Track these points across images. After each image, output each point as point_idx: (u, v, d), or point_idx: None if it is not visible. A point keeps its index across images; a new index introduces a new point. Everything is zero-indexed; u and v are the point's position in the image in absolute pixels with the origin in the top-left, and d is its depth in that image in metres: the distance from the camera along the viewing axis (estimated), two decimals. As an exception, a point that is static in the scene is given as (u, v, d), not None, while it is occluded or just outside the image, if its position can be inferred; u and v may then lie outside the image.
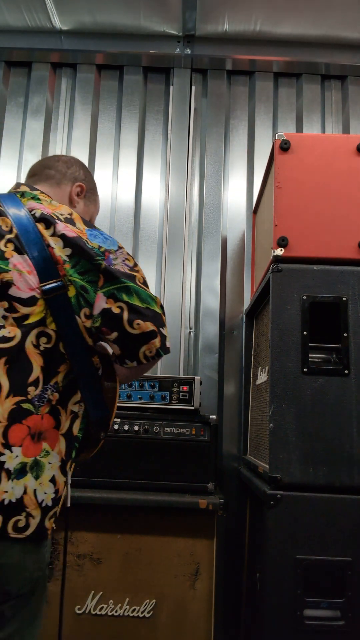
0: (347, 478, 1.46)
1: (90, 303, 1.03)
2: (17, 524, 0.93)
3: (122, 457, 1.78)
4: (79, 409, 1.07)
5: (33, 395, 0.98)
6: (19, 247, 1.03)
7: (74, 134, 2.60)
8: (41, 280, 1.02)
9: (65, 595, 1.65)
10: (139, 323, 1.02)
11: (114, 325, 1.02)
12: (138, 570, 1.68)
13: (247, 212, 2.54)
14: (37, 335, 1.01)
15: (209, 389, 2.33)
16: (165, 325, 1.08)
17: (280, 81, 2.68)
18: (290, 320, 1.56)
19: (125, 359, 1.06)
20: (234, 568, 2.09)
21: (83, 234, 1.08)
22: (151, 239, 2.51)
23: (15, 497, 0.93)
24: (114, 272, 1.04)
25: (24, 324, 1.00)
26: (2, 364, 0.97)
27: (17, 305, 1.00)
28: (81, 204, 1.33)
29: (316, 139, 1.73)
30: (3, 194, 1.15)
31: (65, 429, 1.03)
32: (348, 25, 2.46)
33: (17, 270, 1.01)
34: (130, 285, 1.05)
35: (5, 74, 2.66)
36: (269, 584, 1.42)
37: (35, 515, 0.96)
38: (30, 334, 1.00)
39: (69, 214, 1.11)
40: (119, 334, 1.03)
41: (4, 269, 1.01)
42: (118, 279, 1.04)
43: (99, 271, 1.03)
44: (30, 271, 1.02)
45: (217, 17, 2.45)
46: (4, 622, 0.93)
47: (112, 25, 2.55)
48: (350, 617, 1.39)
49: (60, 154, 1.41)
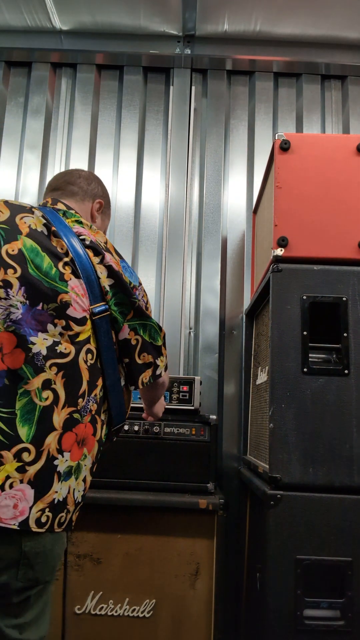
0: (347, 478, 1.46)
1: (117, 332, 1.19)
2: (60, 520, 1.05)
3: (122, 457, 1.78)
4: (105, 417, 1.19)
5: (81, 407, 1.09)
6: (75, 271, 1.13)
7: (74, 134, 2.60)
8: (91, 303, 1.14)
9: (65, 595, 1.66)
10: (144, 355, 1.22)
11: (128, 353, 1.21)
12: (138, 570, 1.68)
13: (247, 212, 2.54)
14: (86, 351, 1.12)
15: (209, 389, 2.33)
16: (162, 354, 1.26)
17: (280, 81, 2.68)
18: (290, 320, 1.56)
19: (129, 383, 1.25)
20: (234, 568, 2.08)
21: (119, 265, 1.21)
22: (151, 239, 2.51)
23: (62, 497, 1.05)
24: (142, 309, 1.21)
25: (76, 341, 1.10)
26: (59, 377, 1.07)
27: (72, 324, 1.10)
28: (99, 219, 1.44)
29: (316, 139, 1.73)
30: (46, 209, 1.22)
31: (98, 435, 1.16)
32: (348, 25, 2.46)
33: (75, 292, 1.11)
34: (149, 323, 1.22)
35: (5, 74, 2.66)
36: (269, 584, 1.42)
37: (71, 511, 1.08)
38: (82, 350, 1.11)
39: (105, 242, 1.22)
40: (129, 360, 1.21)
41: (64, 290, 1.10)
42: (143, 316, 1.21)
43: (132, 307, 1.19)
44: (84, 294, 1.13)
45: (217, 17, 2.45)
46: (28, 608, 1.03)
47: (112, 25, 2.55)
48: (350, 617, 1.39)
49: (79, 169, 1.48)
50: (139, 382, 1.23)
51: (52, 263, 1.11)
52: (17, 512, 0.97)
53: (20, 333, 1.04)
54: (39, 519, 1.00)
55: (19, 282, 1.07)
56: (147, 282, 2.46)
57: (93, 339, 1.13)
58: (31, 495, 0.99)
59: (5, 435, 0.98)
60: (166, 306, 2.42)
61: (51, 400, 1.04)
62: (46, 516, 1.01)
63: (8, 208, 1.16)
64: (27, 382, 1.02)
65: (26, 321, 1.05)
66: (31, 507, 0.99)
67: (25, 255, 1.09)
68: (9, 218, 1.14)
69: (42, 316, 1.07)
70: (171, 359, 2.35)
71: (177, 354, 2.36)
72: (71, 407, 1.07)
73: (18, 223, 1.13)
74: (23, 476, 0.98)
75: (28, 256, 1.09)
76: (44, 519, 1.01)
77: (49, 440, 1.02)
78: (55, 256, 1.12)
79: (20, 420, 1.00)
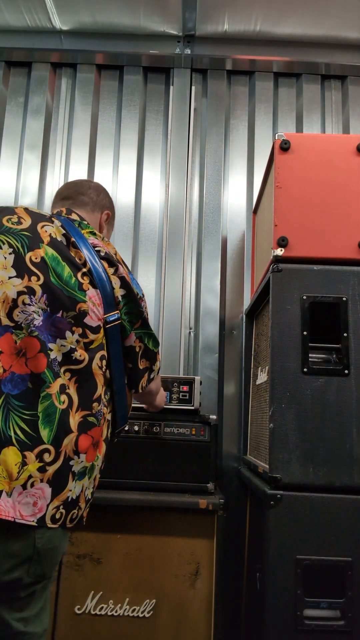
0: (347, 478, 1.46)
1: (124, 339, 1.24)
2: (72, 516, 1.10)
3: (122, 457, 1.78)
4: (109, 417, 1.23)
5: (96, 410, 1.14)
6: (93, 281, 1.17)
7: (74, 134, 2.60)
8: (105, 312, 1.18)
9: (64, 595, 1.66)
10: (143, 361, 1.29)
11: (132, 359, 1.27)
12: (138, 570, 1.68)
13: (247, 212, 2.54)
14: (100, 357, 1.16)
15: (209, 389, 2.33)
16: (157, 360, 1.34)
17: (280, 81, 2.68)
18: (290, 320, 1.56)
19: (131, 388, 1.31)
20: (234, 568, 2.08)
21: (128, 277, 1.26)
22: (151, 239, 2.51)
23: (76, 495, 1.10)
24: (147, 320, 1.28)
25: (90, 348, 1.15)
26: (72, 382, 1.11)
27: (88, 332, 1.14)
28: (106, 229, 1.50)
29: (316, 139, 1.73)
30: (63, 219, 1.26)
31: (105, 436, 1.20)
32: (348, 25, 2.46)
33: (92, 302, 1.16)
34: (151, 332, 1.29)
35: (5, 74, 2.66)
36: (269, 584, 1.42)
37: (83, 508, 1.13)
38: (96, 356, 1.15)
39: (115, 254, 1.27)
40: (132, 366, 1.27)
41: (83, 299, 1.14)
42: (147, 326, 1.28)
43: (140, 317, 1.26)
44: (100, 304, 1.17)
45: (217, 17, 2.45)
46: (33, 601, 1.07)
47: (112, 25, 2.55)
48: (350, 617, 1.39)
49: (88, 180, 1.54)
50: (139, 387, 1.31)
51: (72, 272, 1.15)
52: (36, 509, 1.02)
53: (42, 339, 1.08)
54: (53, 516, 1.04)
55: (42, 290, 1.10)
56: (147, 282, 2.46)
57: (106, 347, 1.19)
58: (49, 494, 1.04)
59: (28, 436, 1.02)
60: (166, 306, 2.42)
61: (67, 404, 1.08)
62: (60, 513, 1.06)
63: (29, 215, 1.19)
64: (49, 386, 1.06)
65: (45, 327, 1.09)
66: (48, 504, 1.03)
67: (48, 264, 1.13)
68: (31, 226, 1.17)
69: (61, 323, 1.11)
70: (171, 359, 2.35)
71: (177, 354, 2.36)
72: (85, 410, 1.11)
73: (40, 231, 1.17)
74: (43, 475, 1.03)
75: (50, 264, 1.13)
76: (58, 515, 1.05)
77: (66, 442, 1.06)
78: (74, 266, 1.16)
79: (42, 422, 1.04)
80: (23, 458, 1.01)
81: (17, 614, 1.04)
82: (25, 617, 1.05)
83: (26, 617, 1.05)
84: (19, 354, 1.06)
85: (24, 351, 1.06)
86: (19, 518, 0.99)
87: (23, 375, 1.05)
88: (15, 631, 1.03)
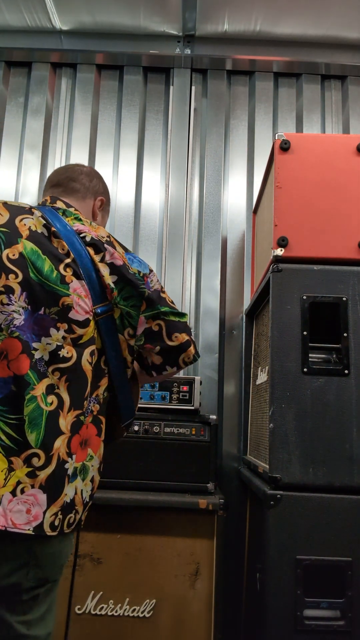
0: (347, 478, 1.46)
1: (134, 325, 1.16)
2: (69, 520, 1.05)
3: (122, 457, 1.78)
4: (105, 416, 1.18)
5: (85, 408, 1.10)
6: (77, 272, 1.11)
7: (74, 134, 2.60)
8: (94, 303, 1.11)
9: (65, 595, 1.66)
10: (176, 336, 1.18)
11: (156, 340, 1.18)
12: (138, 570, 1.68)
13: (247, 212, 2.54)
14: (90, 353, 1.10)
15: (209, 389, 2.33)
16: (191, 332, 1.24)
17: (280, 81, 2.68)
18: (290, 320, 1.56)
19: (166, 366, 1.21)
20: (234, 568, 2.08)
21: (124, 258, 1.18)
22: (151, 239, 2.51)
23: (70, 498, 1.05)
24: (154, 298, 1.18)
25: (78, 344, 1.09)
26: (62, 382, 1.06)
27: (75, 327, 1.08)
28: (100, 216, 1.42)
29: (316, 139, 1.73)
30: (44, 209, 1.20)
31: (103, 436, 1.16)
32: (348, 25, 2.46)
33: (77, 294, 1.09)
34: (166, 308, 1.19)
35: (5, 74, 2.66)
36: (269, 584, 1.42)
37: (79, 511, 1.09)
38: (85, 352, 1.09)
39: (108, 237, 1.19)
40: (160, 347, 1.18)
41: (65, 292, 1.08)
42: (160, 303, 1.18)
43: (143, 298, 1.16)
44: (87, 295, 1.10)
45: (217, 17, 2.45)
46: (36, 605, 1.04)
47: (112, 25, 2.54)
48: (350, 617, 1.39)
49: (80, 165, 1.43)
50: (181, 363, 1.20)
51: (53, 266, 1.09)
52: (30, 517, 0.98)
53: (24, 339, 1.04)
54: (52, 523, 1.01)
55: (21, 288, 1.06)
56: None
57: (98, 340, 1.12)
58: (44, 500, 1.00)
59: (14, 441, 0.99)
60: (166, 306, 2.42)
61: (56, 404, 1.04)
62: (58, 519, 1.02)
63: (7, 210, 1.14)
64: (34, 388, 1.02)
65: (28, 327, 1.05)
66: (45, 511, 1.00)
67: (27, 259, 1.08)
68: (9, 220, 1.12)
69: (44, 321, 1.06)
70: (171, 359, 2.35)
71: (177, 354, 2.36)
72: (77, 409, 1.07)
73: (18, 225, 1.12)
74: (34, 481, 0.99)
75: (29, 259, 1.08)
76: (57, 522, 1.02)
77: (57, 444, 1.03)
78: (56, 258, 1.10)
79: (29, 426, 1.00)
80: (9, 464, 0.98)
81: (19, 617, 1.02)
82: (27, 620, 1.03)
83: (29, 620, 1.03)
84: (0, 356, 1.02)
85: (5, 353, 1.02)
86: (11, 527, 0.96)
87: (6, 379, 1.01)
88: (17, 634, 1.01)
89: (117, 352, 1.16)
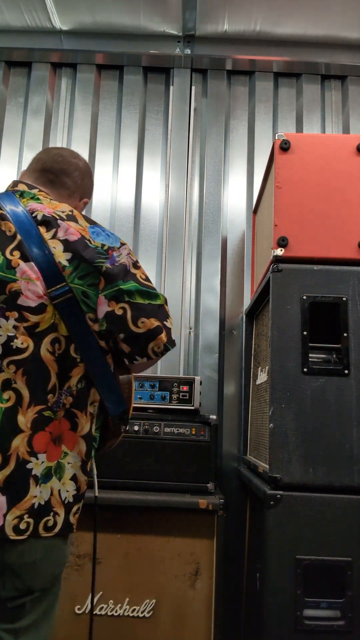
0: (347, 478, 1.46)
1: (94, 308, 1.03)
2: (47, 524, 0.99)
3: (122, 457, 1.78)
4: (93, 409, 1.09)
5: (52, 402, 1.01)
6: (25, 254, 1.02)
7: (74, 134, 2.60)
8: (48, 286, 1.01)
9: (65, 595, 1.66)
10: (143, 321, 1.02)
11: (120, 326, 1.02)
12: (138, 570, 1.68)
13: (247, 212, 2.54)
14: (52, 342, 1.02)
15: (209, 389, 2.33)
16: (169, 316, 1.07)
17: (280, 81, 2.68)
18: (290, 320, 1.56)
19: (135, 356, 1.06)
20: (234, 568, 2.08)
21: (85, 232, 1.07)
22: (151, 239, 2.51)
23: (44, 500, 0.99)
24: (115, 273, 1.03)
25: (35, 333, 1.01)
26: (19, 375, 0.99)
27: (27, 314, 1.01)
28: None
29: (316, 139, 1.73)
30: (2, 194, 1.14)
31: (84, 431, 1.06)
32: (348, 25, 2.46)
33: (25, 278, 1.01)
34: (131, 285, 1.03)
35: (5, 74, 2.66)
36: (269, 584, 1.42)
37: (60, 513, 1.01)
38: (44, 341, 1.01)
39: (70, 211, 1.10)
40: (125, 334, 1.03)
41: (12, 278, 1.01)
42: (118, 281, 1.03)
43: (100, 274, 1.03)
44: (37, 277, 1.01)
45: (217, 17, 2.45)
46: (24, 613, 0.99)
47: (112, 25, 2.54)
48: (350, 617, 1.39)
49: (76, 156, 1.32)
50: (150, 353, 1.05)
51: (0, 252, 1.03)
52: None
53: None
54: (16, 526, 0.95)
55: None
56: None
57: (61, 326, 1.03)
58: (3, 502, 0.94)
59: None
60: (166, 306, 2.42)
61: (14, 400, 0.98)
62: (26, 522, 0.96)
63: None
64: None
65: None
66: (5, 514, 0.94)
67: None
68: None
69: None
70: (171, 359, 2.35)
71: (177, 353, 2.36)
72: (39, 405, 1.00)
73: None
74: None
75: None
76: (24, 526, 0.96)
77: (16, 443, 0.96)
78: (2, 243, 1.03)
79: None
80: None
81: (6, 625, 0.97)
82: (15, 628, 0.98)
83: (17, 629, 0.98)
84: None
85: None
86: None
87: None
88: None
89: (88, 336, 1.04)
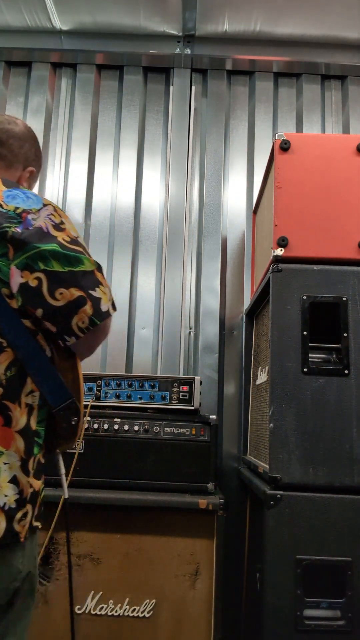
0: (347, 478, 1.46)
1: (6, 282, 0.89)
2: None
3: (122, 457, 1.78)
4: (32, 400, 0.94)
5: None
6: None
7: (74, 133, 2.60)
8: None
9: (64, 595, 1.66)
10: (62, 292, 0.88)
11: (36, 301, 0.89)
12: (138, 570, 1.68)
13: (247, 212, 2.54)
14: None
15: (209, 389, 2.33)
16: (100, 283, 0.92)
17: (280, 81, 2.68)
18: (290, 320, 1.56)
19: (63, 335, 0.92)
20: (234, 568, 2.08)
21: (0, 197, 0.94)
22: (151, 239, 2.51)
23: None
24: (23, 238, 0.88)
25: None
26: None
27: None
28: (25, 187, 1.15)
29: (316, 139, 1.73)
30: None
31: (21, 425, 0.92)
32: (348, 25, 2.46)
33: None
34: (46, 248, 0.88)
35: (5, 74, 2.66)
36: (269, 584, 1.42)
37: (1, 520, 0.86)
38: None
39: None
40: (43, 310, 0.89)
41: None
42: (29, 245, 0.88)
43: (6, 240, 0.89)
44: None
45: (217, 17, 2.45)
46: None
47: (112, 25, 2.54)
48: (350, 617, 1.39)
49: (12, 119, 1.19)
50: (76, 330, 0.91)
51: None
52: None
53: None
54: None
55: None
56: (147, 282, 2.46)
57: None
58: None
59: None
60: (166, 306, 2.42)
61: None
62: None
63: None
64: None
65: None
66: None
67: None
68: None
69: None
70: (171, 359, 2.35)
71: (177, 354, 2.36)
72: None
73: None
74: None
75: None
76: None
77: None
78: None
79: None
80: None
81: None
82: None
83: None
84: None
85: None
86: None
87: None
88: None
89: (11, 318, 0.90)
